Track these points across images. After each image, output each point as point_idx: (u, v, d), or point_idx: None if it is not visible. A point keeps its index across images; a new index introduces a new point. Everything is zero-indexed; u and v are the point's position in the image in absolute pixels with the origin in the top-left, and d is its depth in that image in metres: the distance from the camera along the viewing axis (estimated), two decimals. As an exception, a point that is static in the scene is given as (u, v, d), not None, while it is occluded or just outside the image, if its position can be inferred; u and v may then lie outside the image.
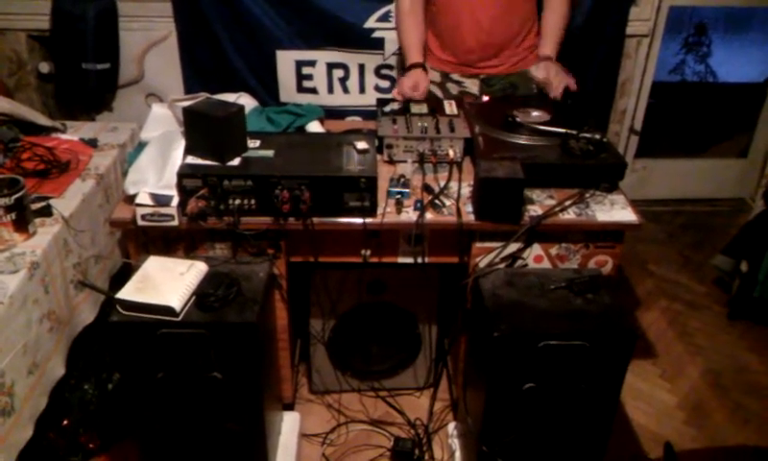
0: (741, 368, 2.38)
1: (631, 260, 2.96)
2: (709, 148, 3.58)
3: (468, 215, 1.64)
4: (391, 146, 1.83)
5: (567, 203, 1.67)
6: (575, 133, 1.74)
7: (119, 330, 1.44)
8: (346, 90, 2.70)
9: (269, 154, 1.67)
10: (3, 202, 1.51)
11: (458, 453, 1.87)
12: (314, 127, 2.03)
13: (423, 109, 1.96)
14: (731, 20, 3.59)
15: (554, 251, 1.69)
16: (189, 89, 2.66)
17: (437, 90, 2.22)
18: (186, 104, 1.68)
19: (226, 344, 1.45)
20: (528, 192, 1.67)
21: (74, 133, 2.13)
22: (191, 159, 1.63)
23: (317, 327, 2.06)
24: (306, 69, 2.65)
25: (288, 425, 1.93)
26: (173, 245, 1.67)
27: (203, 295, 1.47)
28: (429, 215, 1.64)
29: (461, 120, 1.89)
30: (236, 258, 1.66)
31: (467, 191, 1.73)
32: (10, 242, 1.55)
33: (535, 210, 1.65)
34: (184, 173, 1.57)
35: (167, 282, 1.47)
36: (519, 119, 1.86)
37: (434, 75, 2.20)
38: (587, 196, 1.70)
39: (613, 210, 1.67)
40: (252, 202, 1.59)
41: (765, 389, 2.29)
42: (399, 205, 1.65)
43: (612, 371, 1.51)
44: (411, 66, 2.12)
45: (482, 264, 1.68)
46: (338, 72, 2.66)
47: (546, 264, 1.70)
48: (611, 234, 1.67)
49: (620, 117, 3.02)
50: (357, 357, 2.15)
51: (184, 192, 1.57)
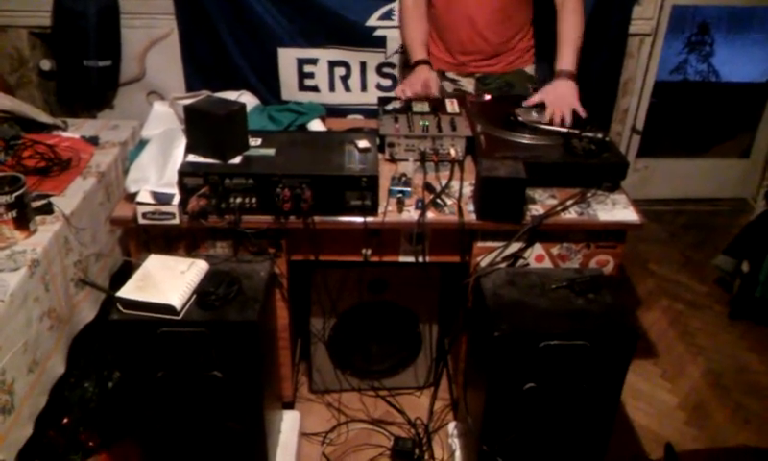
0: (742, 368, 2.38)
1: (632, 260, 2.95)
2: (711, 148, 3.57)
3: (470, 214, 1.64)
4: (392, 145, 1.82)
5: (569, 202, 1.67)
6: (577, 132, 1.74)
7: (120, 329, 1.44)
8: (347, 89, 2.69)
9: (270, 152, 1.67)
10: (4, 199, 1.51)
11: (458, 453, 1.87)
12: (315, 125, 2.02)
13: (425, 107, 1.95)
14: (733, 20, 3.58)
15: (555, 250, 1.69)
16: (190, 87, 2.65)
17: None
18: (187, 102, 1.68)
19: (226, 343, 1.45)
20: (530, 191, 1.67)
21: (75, 130, 2.13)
22: (192, 158, 1.62)
23: (317, 325, 2.06)
24: (308, 67, 2.64)
25: (288, 424, 1.93)
26: (174, 243, 1.67)
27: (203, 293, 1.47)
28: (430, 214, 1.63)
29: (462, 119, 1.89)
30: (237, 257, 1.66)
31: (468, 190, 1.72)
32: (10, 240, 1.55)
33: (536, 210, 1.64)
34: (185, 171, 1.57)
35: (168, 281, 1.47)
36: (521, 118, 1.85)
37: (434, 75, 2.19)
38: (588, 195, 1.70)
39: (615, 210, 1.67)
40: (254, 200, 1.59)
41: (766, 389, 2.28)
42: (401, 203, 1.65)
43: (613, 371, 1.51)
44: (416, 63, 2.11)
45: (483, 263, 1.68)
46: (340, 70, 2.66)
47: (548, 264, 1.70)
48: (612, 234, 1.67)
49: (622, 116, 3.01)
50: (358, 356, 2.15)
51: (185, 190, 1.57)
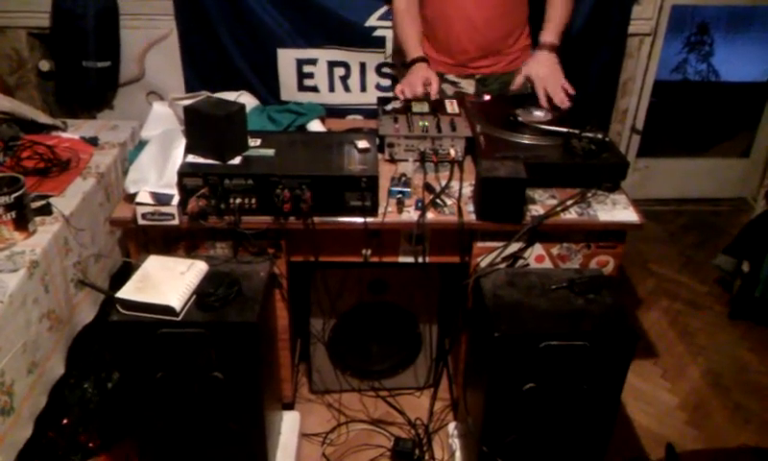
0: (742, 368, 2.38)
1: (632, 260, 2.95)
2: (711, 147, 3.57)
3: (470, 215, 1.64)
4: (392, 145, 1.82)
5: (569, 202, 1.66)
6: (577, 132, 1.73)
7: (119, 330, 1.44)
8: (347, 89, 2.69)
9: (270, 153, 1.67)
10: (3, 200, 1.50)
11: (458, 453, 1.87)
12: (315, 126, 2.02)
13: (425, 107, 1.95)
14: (733, 19, 3.58)
15: (555, 251, 1.68)
16: (190, 88, 2.65)
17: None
18: (187, 102, 1.68)
19: (226, 344, 1.44)
20: (530, 192, 1.66)
21: (74, 131, 2.12)
22: (192, 158, 1.62)
23: (317, 326, 2.05)
24: (307, 67, 2.64)
25: (288, 425, 1.93)
26: (173, 244, 1.66)
27: (203, 294, 1.46)
28: (430, 215, 1.63)
29: (462, 119, 1.89)
30: (237, 258, 1.66)
31: (468, 191, 1.72)
32: (9, 241, 1.55)
33: (536, 210, 1.64)
34: (185, 172, 1.56)
35: (167, 282, 1.47)
36: (521, 118, 1.85)
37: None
38: (588, 196, 1.70)
39: (615, 210, 1.67)
40: (253, 201, 1.59)
41: (766, 389, 2.28)
42: (400, 204, 1.65)
43: (614, 371, 1.51)
44: (413, 61, 2.09)
45: (483, 264, 1.67)
46: (339, 70, 2.65)
47: (548, 264, 1.70)
48: (612, 234, 1.67)
49: (622, 116, 3.01)
50: (357, 357, 2.14)
51: (185, 191, 1.57)
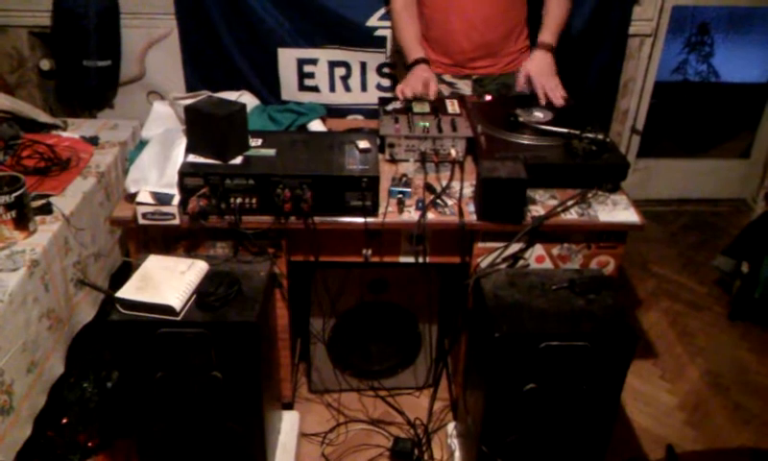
0: (742, 369, 2.38)
1: (632, 260, 2.95)
2: (711, 148, 3.58)
3: (470, 215, 1.64)
4: (393, 145, 1.82)
5: (570, 203, 1.66)
6: (578, 133, 1.73)
7: (119, 329, 1.44)
8: (347, 89, 2.69)
9: (270, 152, 1.67)
10: (3, 199, 1.50)
11: (457, 453, 1.87)
12: (316, 125, 2.02)
13: (425, 108, 1.95)
14: (733, 20, 3.57)
15: (556, 251, 1.68)
16: (190, 87, 2.65)
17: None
18: (188, 102, 1.68)
19: (226, 343, 1.44)
20: (530, 192, 1.66)
21: (75, 130, 2.12)
22: (192, 158, 1.62)
23: (317, 326, 2.05)
24: (308, 67, 2.64)
25: (287, 425, 1.93)
26: (173, 244, 1.66)
27: (203, 294, 1.46)
28: (431, 215, 1.63)
29: (463, 119, 1.89)
30: (237, 257, 1.66)
31: (469, 191, 1.72)
32: (10, 240, 1.55)
33: (537, 210, 1.64)
34: (186, 171, 1.56)
35: (167, 281, 1.47)
36: (522, 119, 1.85)
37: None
38: (589, 196, 1.70)
39: (616, 211, 1.67)
40: (254, 201, 1.59)
41: (765, 390, 2.28)
42: (401, 204, 1.65)
43: (614, 371, 1.51)
44: (414, 62, 2.10)
45: (483, 264, 1.67)
46: (340, 70, 2.65)
47: (548, 264, 1.70)
48: (613, 235, 1.67)
49: (622, 117, 3.01)
50: (357, 357, 2.14)
51: (185, 191, 1.57)
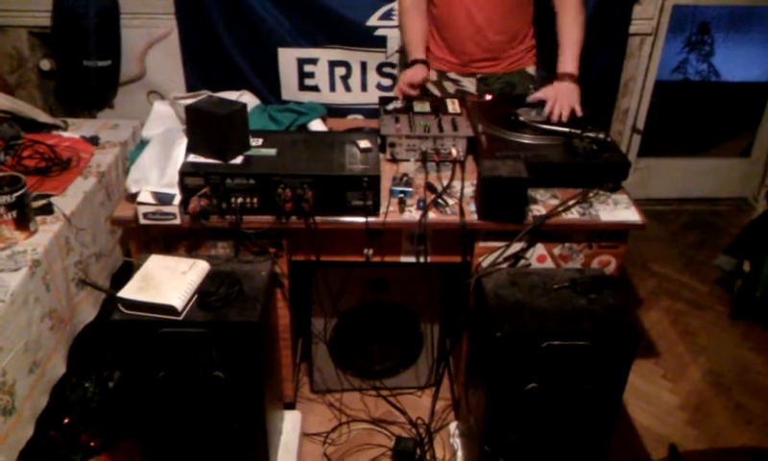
0: (743, 368, 2.38)
1: (633, 260, 2.95)
2: (712, 147, 3.57)
3: (471, 214, 1.64)
4: (393, 145, 1.82)
5: (571, 202, 1.66)
6: (579, 132, 1.73)
7: (121, 329, 1.44)
8: (348, 88, 2.69)
9: (271, 152, 1.67)
10: (4, 200, 1.50)
11: (459, 453, 1.87)
12: (316, 125, 2.02)
13: (426, 107, 1.95)
14: (733, 19, 3.57)
15: (557, 250, 1.68)
16: (190, 87, 2.65)
17: (434, 89, 2.20)
18: (188, 102, 1.68)
19: (227, 343, 1.44)
20: (531, 192, 1.66)
21: (75, 130, 2.12)
22: (193, 158, 1.62)
23: (318, 326, 2.05)
24: (308, 67, 2.64)
25: (289, 425, 1.93)
26: (174, 243, 1.66)
27: (204, 294, 1.46)
28: (432, 214, 1.63)
29: (464, 119, 1.89)
30: (238, 257, 1.66)
31: (470, 190, 1.72)
32: (11, 240, 1.55)
33: (538, 210, 1.64)
34: (186, 171, 1.56)
35: (169, 281, 1.47)
36: (523, 118, 1.85)
37: (431, 74, 2.19)
38: (590, 195, 1.70)
39: (617, 210, 1.67)
40: (255, 200, 1.59)
41: (767, 389, 2.28)
42: (402, 204, 1.65)
43: (615, 371, 1.51)
44: (413, 62, 2.10)
45: (485, 264, 1.67)
46: (340, 70, 2.65)
47: (549, 264, 1.70)
48: (614, 234, 1.67)
49: (623, 116, 3.01)
50: (359, 356, 2.14)
51: (186, 191, 1.57)
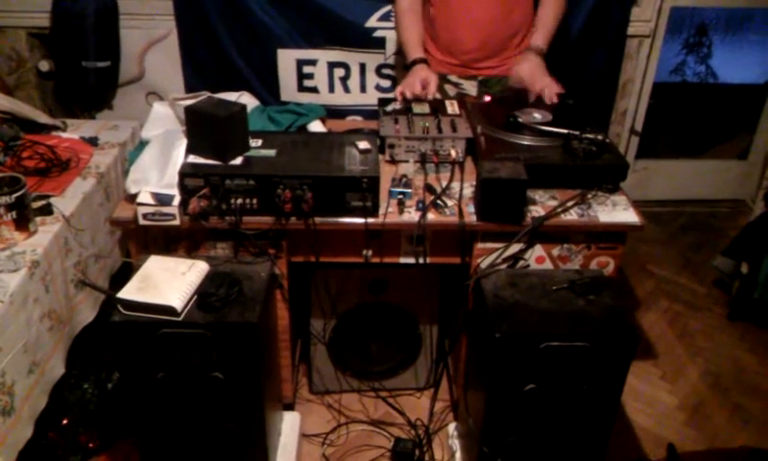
0: (741, 369, 2.38)
1: (631, 261, 2.96)
2: (710, 149, 3.58)
3: (471, 216, 1.64)
4: (393, 146, 1.82)
5: (569, 203, 1.67)
6: (577, 133, 1.74)
7: (120, 330, 1.44)
8: (347, 90, 2.70)
9: (271, 153, 1.67)
10: (4, 200, 1.50)
11: (458, 454, 1.87)
12: (316, 126, 2.02)
13: (425, 108, 1.95)
14: (731, 21, 3.57)
15: (556, 252, 1.69)
16: (190, 88, 2.66)
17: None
18: (188, 103, 1.68)
19: (227, 344, 1.44)
20: (530, 193, 1.67)
21: (74, 131, 2.12)
22: (193, 159, 1.62)
23: (317, 327, 2.05)
24: (307, 68, 2.64)
25: (288, 426, 1.93)
26: (174, 244, 1.66)
27: (204, 295, 1.46)
28: (431, 215, 1.63)
29: (463, 120, 1.89)
30: (237, 258, 1.66)
31: (469, 191, 1.73)
32: (10, 240, 1.55)
33: (537, 211, 1.65)
34: (186, 172, 1.56)
35: (168, 282, 1.47)
36: (521, 119, 1.86)
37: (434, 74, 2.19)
38: (589, 197, 1.70)
39: (615, 211, 1.67)
40: (254, 201, 1.59)
41: (765, 390, 2.29)
42: (401, 205, 1.65)
43: (614, 372, 1.51)
44: (413, 62, 2.10)
45: (484, 265, 1.68)
46: (339, 71, 2.66)
47: (548, 265, 1.70)
48: (613, 235, 1.67)
49: (621, 118, 3.02)
50: (358, 357, 2.14)
51: (186, 191, 1.57)
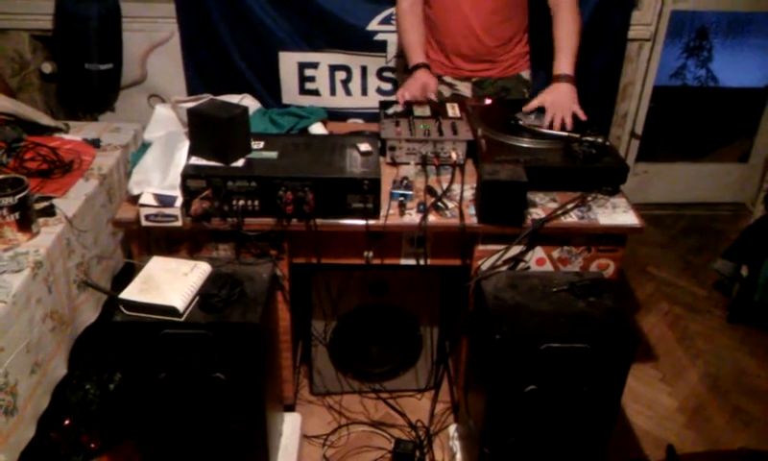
0: (741, 372, 2.39)
1: (632, 264, 2.96)
2: (710, 153, 3.59)
3: (471, 218, 1.65)
4: (394, 148, 1.83)
5: (570, 206, 1.67)
6: (578, 136, 1.74)
7: (122, 330, 1.44)
8: (348, 92, 2.70)
9: (273, 155, 1.68)
10: (7, 201, 1.51)
11: (459, 455, 1.88)
12: (317, 129, 2.03)
13: (426, 111, 1.96)
14: (732, 25, 3.58)
15: (556, 254, 1.69)
16: (192, 91, 2.66)
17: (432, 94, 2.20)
18: (190, 105, 1.69)
19: (228, 344, 1.45)
20: (531, 195, 1.67)
21: (77, 133, 2.13)
22: (195, 160, 1.63)
23: (318, 328, 2.06)
24: (309, 71, 2.65)
25: (289, 427, 1.93)
26: (176, 245, 1.67)
27: (206, 295, 1.47)
28: (432, 217, 1.64)
29: (463, 123, 1.90)
30: (239, 259, 1.67)
31: (469, 194, 1.73)
32: (13, 241, 1.55)
33: (537, 213, 1.65)
34: (188, 174, 1.57)
35: (170, 283, 1.47)
36: (522, 122, 1.86)
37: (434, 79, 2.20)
38: (589, 199, 1.71)
39: (615, 214, 1.68)
40: (256, 203, 1.60)
41: (765, 393, 2.29)
42: (402, 207, 1.66)
43: (614, 374, 1.52)
44: (414, 67, 2.11)
45: (484, 267, 1.68)
46: (340, 74, 2.67)
47: (548, 267, 1.71)
48: (612, 238, 1.68)
49: (621, 121, 3.03)
50: (358, 359, 2.15)
51: (188, 193, 1.58)
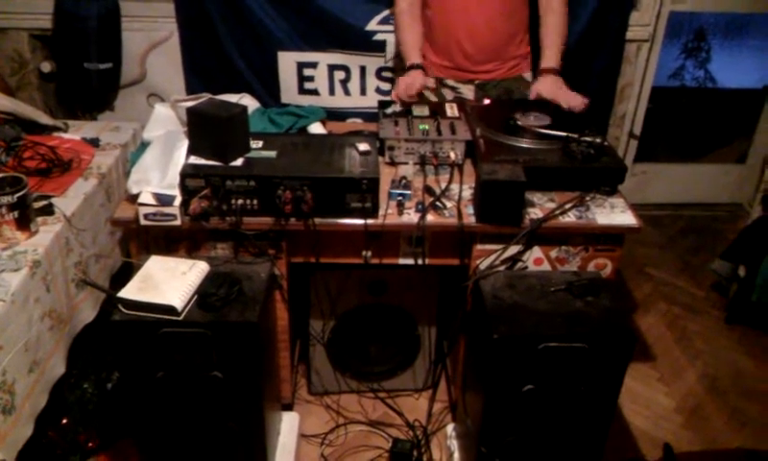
0: (738, 372, 2.39)
1: (630, 264, 2.97)
2: (708, 153, 3.59)
3: (469, 217, 1.65)
4: (392, 148, 1.83)
5: (568, 206, 1.68)
6: (576, 136, 1.75)
7: (121, 329, 1.45)
8: (347, 92, 2.70)
9: (271, 154, 1.68)
10: (6, 200, 1.51)
11: (456, 455, 1.88)
12: (316, 128, 2.03)
13: (425, 111, 1.97)
14: (730, 26, 3.59)
15: (554, 253, 1.70)
16: (191, 90, 2.66)
17: (431, 95, 2.21)
18: (189, 104, 1.69)
19: (227, 343, 1.45)
20: (529, 195, 1.68)
21: (76, 132, 2.13)
22: (194, 159, 1.63)
23: (316, 327, 2.06)
24: (308, 71, 2.65)
25: (287, 426, 1.93)
26: (175, 245, 1.67)
27: (204, 294, 1.47)
28: (430, 217, 1.64)
29: (462, 122, 1.90)
30: (238, 258, 1.67)
31: (468, 193, 1.74)
32: (12, 240, 1.55)
33: (535, 213, 1.66)
34: (187, 173, 1.58)
35: (169, 282, 1.48)
36: (520, 122, 1.87)
37: (429, 80, 2.20)
38: (587, 199, 1.71)
39: (613, 214, 1.68)
40: (255, 202, 1.60)
41: (762, 393, 2.30)
42: (401, 206, 1.66)
43: (611, 373, 1.52)
44: (410, 67, 2.12)
45: (482, 266, 1.69)
46: (339, 74, 2.67)
47: (546, 266, 1.71)
48: (610, 238, 1.68)
49: (620, 122, 3.03)
50: (356, 358, 2.15)
51: (187, 192, 1.58)
